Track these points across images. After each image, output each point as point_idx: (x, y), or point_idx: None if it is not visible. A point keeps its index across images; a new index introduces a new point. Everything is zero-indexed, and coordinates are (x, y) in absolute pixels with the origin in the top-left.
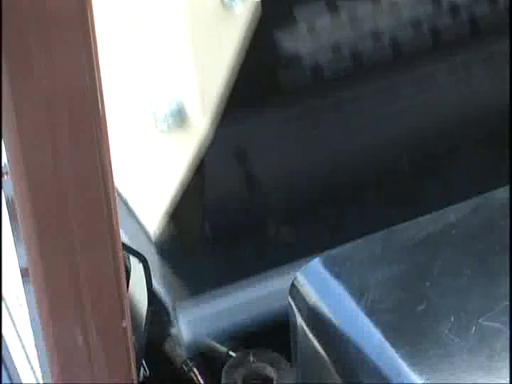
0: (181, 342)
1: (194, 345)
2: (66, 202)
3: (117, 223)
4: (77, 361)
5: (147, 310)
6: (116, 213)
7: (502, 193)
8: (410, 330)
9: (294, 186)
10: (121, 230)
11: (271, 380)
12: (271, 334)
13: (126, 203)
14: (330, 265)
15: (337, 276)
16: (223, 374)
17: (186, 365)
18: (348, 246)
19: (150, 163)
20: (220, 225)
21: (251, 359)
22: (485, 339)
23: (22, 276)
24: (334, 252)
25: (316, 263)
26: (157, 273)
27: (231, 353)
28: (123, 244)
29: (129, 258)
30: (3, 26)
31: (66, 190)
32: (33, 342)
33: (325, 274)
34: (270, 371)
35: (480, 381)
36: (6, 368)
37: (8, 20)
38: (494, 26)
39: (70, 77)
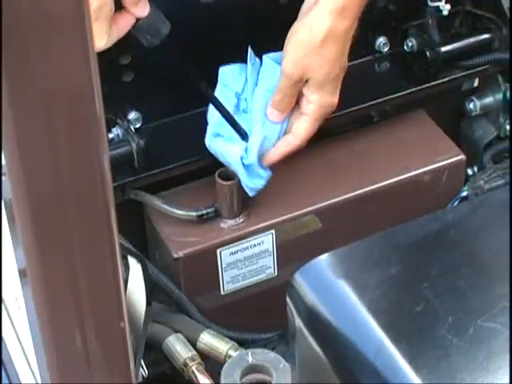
0: None
1: None
2: (64, 203)
3: (115, 224)
4: (75, 361)
5: (146, 310)
6: (114, 214)
7: (501, 193)
8: (409, 331)
9: None
10: None
11: (270, 380)
12: None
13: None
14: (328, 265)
15: (335, 276)
16: (222, 374)
17: (186, 365)
18: (347, 246)
19: None
20: None
21: (250, 359)
22: (483, 340)
23: (20, 277)
24: (332, 252)
25: (314, 264)
26: None
27: (230, 353)
28: (121, 245)
29: (127, 259)
30: (3, 27)
31: (64, 191)
32: (31, 343)
33: (323, 274)
34: (269, 371)
35: (478, 381)
36: (5, 369)
37: (7, 22)
38: None
39: (68, 78)
